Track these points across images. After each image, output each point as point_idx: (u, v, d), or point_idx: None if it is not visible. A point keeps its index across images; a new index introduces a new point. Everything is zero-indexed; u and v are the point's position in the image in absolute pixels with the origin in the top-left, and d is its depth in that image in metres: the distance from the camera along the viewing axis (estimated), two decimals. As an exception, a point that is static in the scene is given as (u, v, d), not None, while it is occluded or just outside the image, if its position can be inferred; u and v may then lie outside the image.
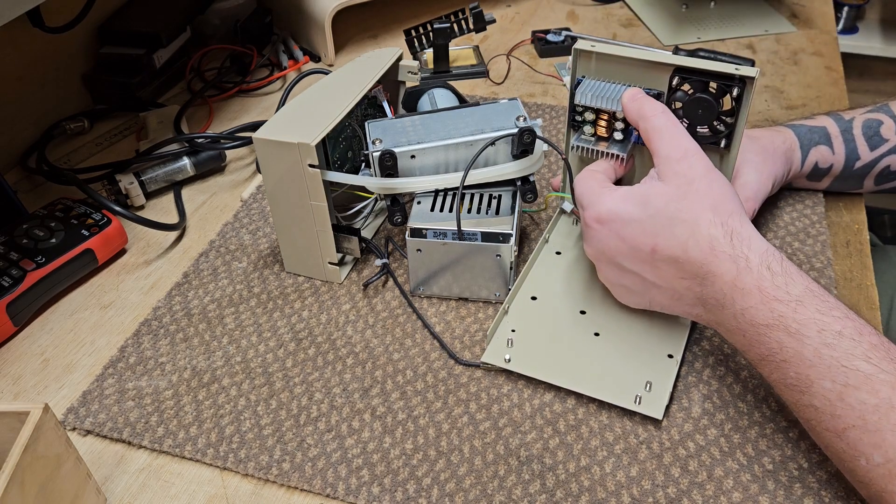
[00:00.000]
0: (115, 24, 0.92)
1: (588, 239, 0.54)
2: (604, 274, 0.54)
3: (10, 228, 0.65)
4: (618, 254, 0.51)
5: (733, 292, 0.46)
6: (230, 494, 0.49)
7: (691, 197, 0.49)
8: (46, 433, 0.42)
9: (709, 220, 0.48)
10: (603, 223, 0.52)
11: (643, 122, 0.52)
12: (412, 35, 0.91)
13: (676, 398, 0.53)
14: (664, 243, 0.49)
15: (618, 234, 0.51)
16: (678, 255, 0.48)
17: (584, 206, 0.53)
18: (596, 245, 0.53)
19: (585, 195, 0.54)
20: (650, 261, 0.50)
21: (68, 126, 0.85)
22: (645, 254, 0.50)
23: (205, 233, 0.72)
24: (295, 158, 0.56)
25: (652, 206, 0.49)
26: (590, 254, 0.54)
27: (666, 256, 0.49)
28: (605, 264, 0.53)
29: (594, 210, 0.52)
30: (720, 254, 0.47)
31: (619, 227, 0.51)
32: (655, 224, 0.49)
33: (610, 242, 0.51)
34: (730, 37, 1.01)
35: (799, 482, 0.48)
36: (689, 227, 0.48)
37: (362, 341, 0.58)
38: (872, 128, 0.67)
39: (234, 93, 0.93)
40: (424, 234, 0.58)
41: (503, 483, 0.48)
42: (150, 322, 0.61)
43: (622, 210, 0.51)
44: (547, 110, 0.86)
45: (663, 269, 0.50)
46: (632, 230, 0.50)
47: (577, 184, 0.55)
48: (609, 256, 0.52)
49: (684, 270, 0.49)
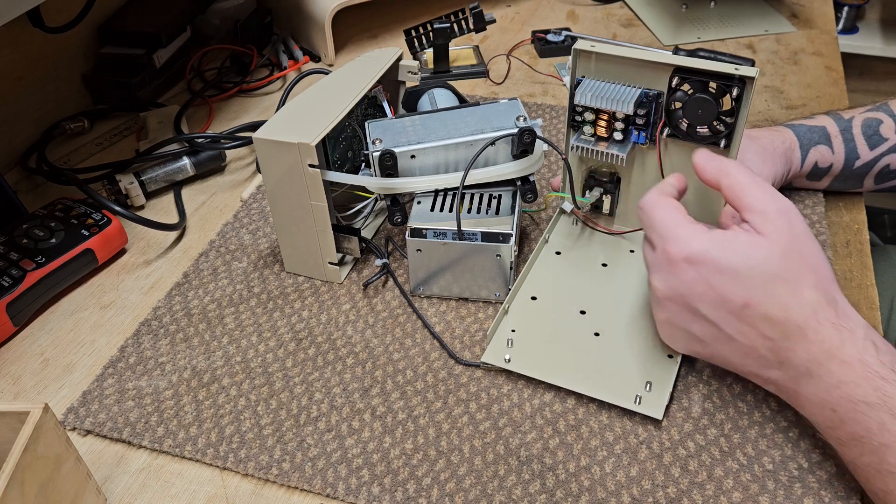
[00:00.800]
0: (115, 24, 0.92)
1: (665, 277, 0.48)
2: (669, 315, 0.49)
3: (10, 228, 0.65)
4: (701, 300, 0.47)
5: (830, 363, 0.43)
6: (230, 494, 0.49)
7: (794, 256, 0.45)
8: (46, 433, 0.42)
9: (812, 283, 0.45)
10: (693, 264, 0.46)
11: (727, 179, 0.48)
12: (412, 35, 0.91)
13: (676, 398, 0.53)
14: (761, 300, 0.45)
15: (708, 280, 0.46)
16: (775, 314, 0.44)
17: (667, 238, 0.48)
18: (674, 284, 0.48)
19: (669, 227, 0.48)
20: (737, 314, 0.46)
21: (68, 126, 0.85)
22: (735, 307, 0.45)
23: (205, 233, 0.72)
24: (295, 158, 0.56)
25: (752, 258, 0.45)
26: (661, 291, 0.49)
27: (760, 314, 0.45)
28: (677, 306, 0.48)
29: (685, 247, 0.47)
30: (823, 320, 0.44)
31: (711, 273, 0.46)
32: (754, 278, 0.45)
33: (696, 287, 0.46)
34: (730, 37, 1.01)
35: (799, 482, 0.48)
36: (790, 287, 0.44)
37: (362, 341, 0.58)
38: (872, 127, 0.67)
39: (234, 93, 0.93)
40: (424, 234, 0.58)
41: (503, 483, 0.48)
42: (150, 322, 0.61)
43: (720, 256, 0.46)
44: (547, 110, 0.86)
45: (749, 325, 0.46)
46: (726, 280, 0.45)
47: (653, 210, 0.50)
48: (686, 298, 0.47)
49: (776, 331, 0.45)
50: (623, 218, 0.65)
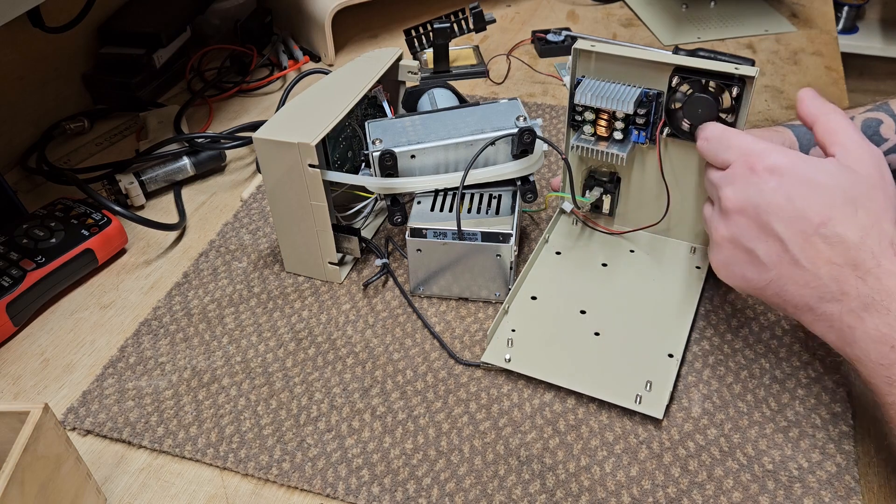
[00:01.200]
0: (115, 24, 0.92)
1: (742, 186, 0.47)
2: (733, 230, 0.48)
3: (10, 228, 0.65)
4: (776, 211, 0.45)
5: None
6: (230, 494, 0.49)
7: (879, 192, 0.45)
8: (46, 433, 0.42)
9: (892, 219, 0.44)
10: (777, 174, 0.45)
11: (825, 118, 0.48)
12: (412, 35, 0.91)
13: (676, 398, 0.53)
14: (841, 220, 0.44)
15: (788, 192, 0.45)
16: (852, 238, 0.43)
17: (751, 151, 0.47)
18: (750, 194, 0.46)
19: (751, 142, 0.48)
20: (811, 232, 0.44)
21: (68, 126, 0.85)
22: (810, 224, 0.44)
23: (205, 233, 0.72)
24: (295, 158, 0.56)
25: (839, 179, 0.44)
26: (733, 202, 0.47)
27: (836, 234, 0.44)
28: (745, 219, 0.47)
29: (768, 157, 0.46)
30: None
31: (793, 184, 0.45)
32: (836, 198, 0.44)
33: (774, 197, 0.45)
34: (730, 37, 1.01)
35: (799, 482, 0.48)
36: (873, 216, 0.44)
37: (362, 341, 0.58)
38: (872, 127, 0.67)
39: (234, 93, 0.93)
40: (424, 234, 0.58)
41: (503, 483, 0.48)
42: (150, 322, 0.61)
43: (806, 169, 0.45)
44: (547, 110, 0.86)
45: (819, 248, 0.44)
46: (808, 192, 0.44)
47: (727, 133, 0.50)
48: (760, 210, 0.46)
49: (847, 257, 0.43)
50: (623, 218, 0.65)
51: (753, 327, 0.58)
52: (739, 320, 0.59)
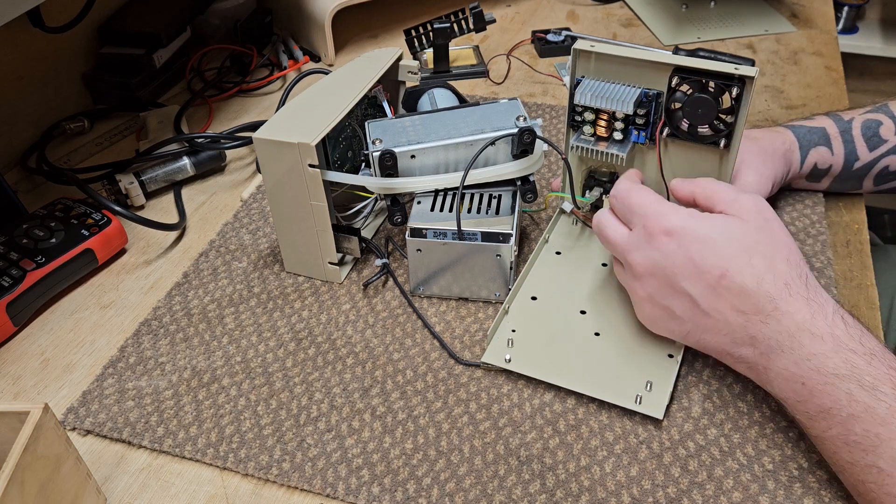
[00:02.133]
0: (115, 24, 0.92)
1: (645, 251, 0.50)
2: (648, 291, 0.50)
3: (10, 228, 0.65)
4: (680, 272, 0.48)
5: (801, 335, 0.44)
6: (230, 494, 0.49)
7: (768, 233, 0.47)
8: (46, 433, 0.42)
9: (784, 259, 0.46)
10: (672, 236, 0.48)
11: (699, 188, 0.51)
12: (412, 35, 0.91)
13: (676, 398, 0.53)
14: (738, 269, 0.46)
15: (687, 251, 0.48)
16: (749, 285, 0.46)
17: (647, 214, 0.50)
18: (655, 258, 0.49)
19: (648, 205, 0.50)
20: (714, 286, 0.47)
21: (68, 126, 0.85)
22: (712, 277, 0.47)
23: (205, 233, 0.72)
24: (295, 158, 0.56)
25: (729, 231, 0.47)
26: (641, 266, 0.50)
27: (735, 284, 0.46)
28: (656, 280, 0.50)
29: (664, 221, 0.49)
30: (794, 293, 0.45)
31: (689, 244, 0.48)
32: (731, 249, 0.47)
33: (675, 258, 0.48)
34: (730, 37, 1.01)
35: (799, 482, 0.48)
36: (766, 260, 0.46)
37: (362, 341, 0.58)
38: (871, 128, 0.67)
39: (234, 93, 0.93)
40: (424, 234, 0.58)
41: (503, 483, 0.48)
42: (150, 322, 0.61)
43: (698, 228, 0.48)
44: (547, 110, 0.86)
45: (724, 298, 0.47)
46: (704, 250, 0.47)
47: (629, 194, 0.52)
48: (667, 273, 0.49)
49: (749, 303, 0.46)
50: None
51: (753, 327, 0.58)
52: (739, 320, 0.59)
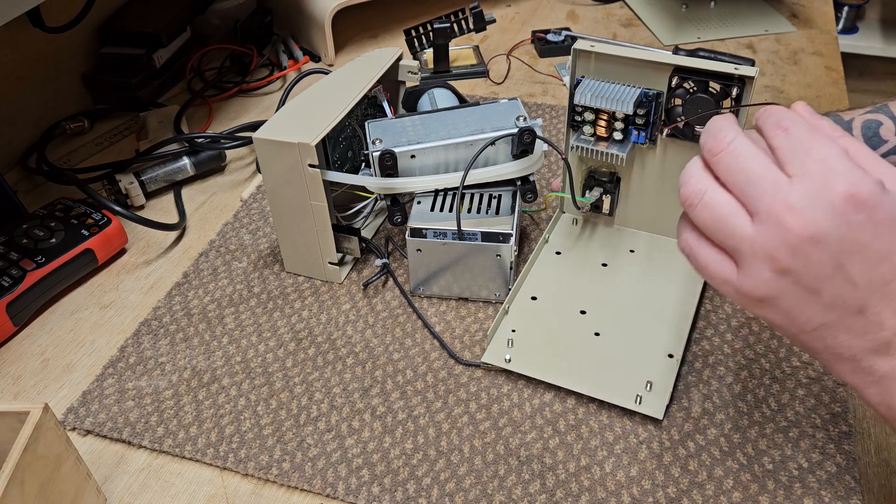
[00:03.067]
0: (115, 24, 0.92)
1: (819, 209, 0.36)
2: (797, 262, 0.36)
3: (10, 228, 0.65)
4: (859, 252, 0.36)
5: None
6: (230, 494, 0.49)
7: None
8: (46, 433, 0.42)
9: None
10: (864, 206, 0.35)
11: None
12: (412, 35, 0.91)
13: (676, 398, 0.53)
14: None
15: (877, 229, 0.36)
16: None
17: (831, 168, 0.36)
18: (833, 225, 0.36)
19: (832, 154, 0.36)
20: (891, 279, 0.37)
21: (68, 126, 0.85)
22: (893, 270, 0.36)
23: (205, 233, 0.72)
24: (295, 158, 0.56)
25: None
26: (808, 230, 0.36)
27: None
28: (817, 250, 0.36)
29: (855, 183, 0.36)
30: None
31: (884, 220, 0.36)
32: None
33: (861, 233, 0.36)
34: (730, 37, 1.01)
35: (799, 482, 0.48)
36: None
37: (362, 341, 0.58)
38: (872, 129, 0.67)
39: (234, 93, 0.93)
40: (424, 234, 0.58)
41: (503, 483, 0.48)
42: (150, 322, 0.61)
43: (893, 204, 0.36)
44: (547, 110, 0.86)
45: (891, 298, 0.37)
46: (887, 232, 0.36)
47: (820, 139, 0.37)
48: (841, 248, 0.36)
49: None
50: (623, 218, 0.65)
51: (753, 327, 0.58)
52: (739, 320, 0.59)
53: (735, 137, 0.39)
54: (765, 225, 0.37)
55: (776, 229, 0.36)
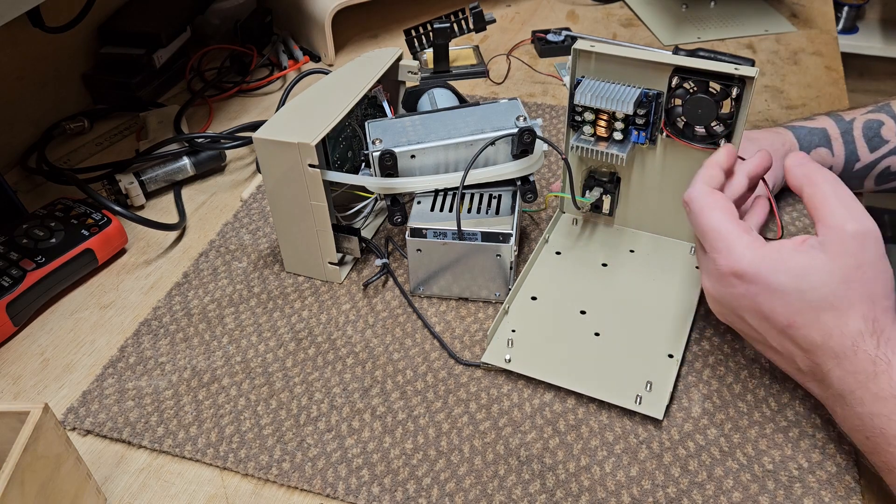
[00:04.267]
0: (115, 24, 0.92)
1: (714, 283, 0.48)
2: (717, 309, 0.50)
3: (10, 228, 0.65)
4: (746, 312, 0.47)
5: (863, 393, 0.43)
6: (230, 494, 0.49)
7: (852, 284, 0.43)
8: (46, 433, 0.42)
9: (861, 314, 0.43)
10: (742, 280, 0.46)
11: (810, 188, 0.47)
12: (412, 35, 0.91)
13: (676, 398, 0.53)
14: (804, 324, 0.44)
15: (754, 299, 0.46)
16: (815, 340, 0.44)
17: (718, 249, 0.47)
18: (723, 294, 0.48)
19: (720, 236, 0.47)
20: (779, 331, 0.46)
21: (68, 126, 0.85)
22: (778, 325, 0.46)
23: (205, 233, 0.72)
24: (295, 158, 0.56)
25: (807, 282, 0.44)
26: (709, 292, 0.49)
27: (801, 336, 0.45)
28: (724, 309, 0.49)
29: (734, 262, 0.46)
30: (861, 352, 0.43)
31: (758, 292, 0.45)
32: (803, 303, 0.44)
33: (742, 301, 0.47)
34: (730, 37, 1.01)
35: (799, 482, 0.48)
36: (837, 315, 0.43)
37: (362, 341, 0.58)
38: (873, 129, 0.67)
39: (234, 93, 0.93)
40: (424, 234, 0.58)
41: (503, 483, 0.48)
42: (150, 322, 0.61)
43: (771, 278, 0.45)
44: (547, 110, 0.86)
45: (789, 343, 0.46)
46: (773, 301, 0.45)
47: (701, 213, 0.48)
48: (733, 307, 0.48)
49: (815, 354, 0.45)
50: (623, 218, 0.65)
51: (753, 327, 0.58)
52: (739, 320, 0.59)
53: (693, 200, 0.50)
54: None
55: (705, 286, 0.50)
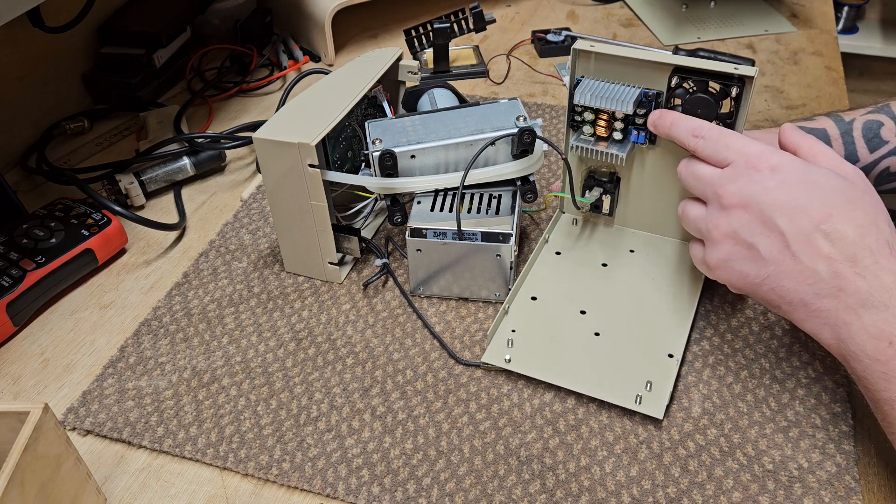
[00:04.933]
0: (115, 24, 0.92)
1: (744, 183, 0.48)
2: (734, 226, 0.48)
3: (10, 228, 0.65)
4: (780, 207, 0.46)
5: (890, 297, 0.43)
6: (230, 494, 0.49)
7: (871, 196, 0.47)
8: (46, 433, 0.42)
9: (886, 220, 0.46)
10: (778, 172, 0.47)
11: (805, 143, 0.51)
12: (412, 35, 0.91)
13: (676, 398, 0.53)
14: (841, 216, 0.45)
15: (790, 189, 0.46)
16: (851, 234, 0.45)
17: (751, 152, 0.48)
18: (754, 191, 0.47)
19: (749, 143, 0.49)
20: (812, 228, 0.45)
21: (68, 126, 0.85)
22: (812, 220, 0.45)
23: (205, 233, 0.72)
24: (295, 158, 0.56)
25: (835, 181, 0.47)
26: (734, 198, 0.48)
27: (837, 230, 0.45)
28: (747, 214, 0.48)
29: (770, 157, 0.48)
30: (895, 251, 0.44)
31: (795, 182, 0.46)
32: (835, 196, 0.46)
33: (777, 193, 0.46)
34: (730, 37, 1.01)
35: (799, 482, 0.48)
36: (869, 216, 0.45)
37: (362, 341, 0.58)
38: (872, 129, 0.67)
39: (234, 93, 0.93)
40: (424, 234, 0.58)
41: (503, 483, 0.48)
42: (150, 322, 0.61)
43: (806, 170, 0.47)
44: (547, 110, 0.86)
45: (819, 243, 0.45)
46: (809, 190, 0.46)
47: (722, 133, 0.50)
48: (763, 206, 0.47)
49: (847, 252, 0.44)
50: (623, 218, 0.65)
51: (753, 327, 0.58)
52: (739, 320, 0.59)
53: (684, 162, 0.53)
54: (710, 206, 0.50)
55: (717, 207, 0.50)
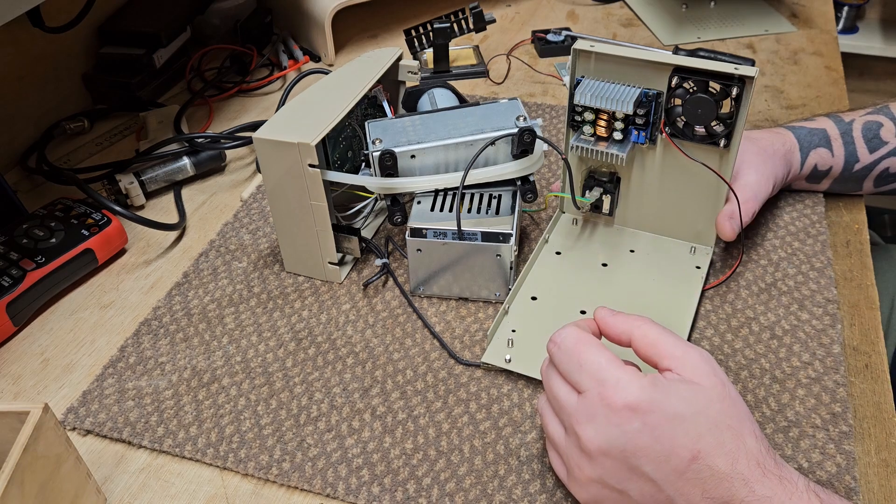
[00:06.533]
0: (115, 24, 0.92)
1: (601, 425, 0.41)
2: (601, 473, 0.42)
3: (10, 228, 0.65)
4: (643, 454, 0.40)
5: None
6: (230, 494, 0.49)
7: (729, 403, 0.41)
8: (46, 433, 0.42)
9: (751, 431, 0.41)
10: (637, 412, 0.40)
11: (639, 331, 0.44)
12: (412, 35, 0.91)
13: (676, 398, 0.53)
14: (710, 451, 0.40)
15: (653, 431, 0.40)
16: (723, 467, 0.39)
17: (605, 381, 0.41)
18: (613, 436, 0.41)
19: (604, 368, 0.42)
20: (683, 470, 0.40)
21: (68, 126, 0.85)
22: (682, 461, 0.40)
23: (205, 233, 0.72)
24: (295, 158, 0.56)
25: (697, 403, 0.40)
26: (593, 444, 0.41)
27: (708, 467, 0.40)
28: (611, 461, 0.42)
29: (625, 393, 0.41)
30: (768, 472, 0.40)
31: (657, 422, 0.40)
32: (700, 426, 0.40)
33: (640, 440, 0.40)
34: (730, 37, 1.01)
35: (799, 482, 0.47)
36: (735, 435, 0.40)
37: (362, 341, 0.58)
38: (872, 130, 0.67)
39: (234, 93, 0.93)
40: (424, 234, 0.58)
41: (503, 483, 0.48)
42: (150, 322, 0.61)
43: (667, 404, 0.40)
44: (547, 110, 0.86)
45: (693, 483, 0.40)
46: (674, 429, 0.40)
47: (577, 347, 0.43)
48: (627, 454, 0.41)
49: (722, 488, 0.40)
50: (623, 218, 0.65)
51: (753, 327, 0.58)
52: (739, 320, 0.59)
53: (544, 369, 0.47)
54: (569, 438, 0.44)
55: (577, 446, 0.43)
